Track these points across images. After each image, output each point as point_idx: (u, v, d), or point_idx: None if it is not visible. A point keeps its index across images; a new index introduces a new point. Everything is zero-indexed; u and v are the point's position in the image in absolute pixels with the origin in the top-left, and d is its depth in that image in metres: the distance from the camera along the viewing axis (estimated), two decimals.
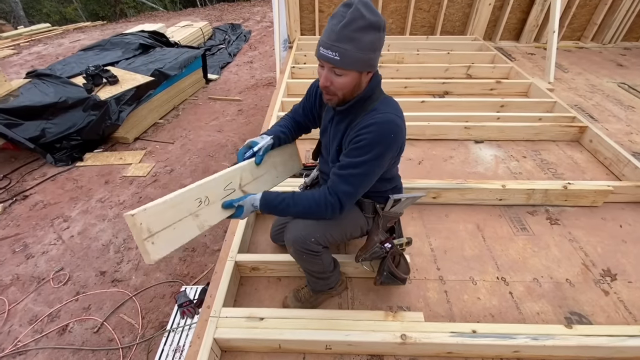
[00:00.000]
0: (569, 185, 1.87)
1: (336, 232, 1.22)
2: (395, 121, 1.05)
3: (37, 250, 2.86)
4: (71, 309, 2.40)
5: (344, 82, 1.03)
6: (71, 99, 3.90)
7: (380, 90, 1.13)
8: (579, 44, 4.55)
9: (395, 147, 1.09)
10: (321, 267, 1.27)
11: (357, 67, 1.00)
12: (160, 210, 0.95)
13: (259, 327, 1.20)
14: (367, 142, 1.04)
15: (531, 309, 1.44)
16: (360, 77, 1.03)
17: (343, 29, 0.94)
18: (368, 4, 0.94)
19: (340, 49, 0.95)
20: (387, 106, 1.08)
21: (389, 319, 1.23)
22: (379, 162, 1.08)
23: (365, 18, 0.92)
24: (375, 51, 0.99)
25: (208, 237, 3.00)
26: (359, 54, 0.96)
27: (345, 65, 0.98)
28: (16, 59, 7.20)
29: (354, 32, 0.94)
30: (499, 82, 3.10)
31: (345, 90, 1.05)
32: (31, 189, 3.55)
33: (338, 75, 1.02)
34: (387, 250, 1.24)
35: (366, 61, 0.99)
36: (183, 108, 5.35)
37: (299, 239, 1.17)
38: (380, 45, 1.00)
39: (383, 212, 1.26)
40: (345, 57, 0.96)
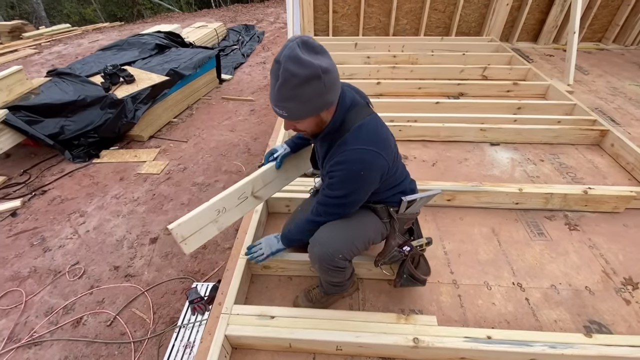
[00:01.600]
0: (589, 190, 1.81)
1: (360, 242, 1.20)
2: (362, 158, 1.04)
3: (54, 244, 2.93)
4: (85, 302, 2.44)
5: (304, 127, 1.07)
6: (89, 97, 4.00)
7: (353, 114, 1.09)
8: (600, 45, 4.43)
9: (371, 177, 1.09)
10: (342, 278, 1.27)
11: (309, 115, 1.01)
12: (189, 222, 1.23)
13: (270, 325, 1.20)
14: (337, 180, 1.08)
15: (548, 316, 1.39)
16: (319, 117, 1.04)
17: (280, 90, 0.94)
18: (296, 56, 0.89)
19: (285, 108, 0.98)
20: (356, 139, 1.06)
21: (401, 322, 1.21)
22: (354, 196, 1.11)
23: (297, 76, 0.90)
24: (322, 95, 0.96)
25: (219, 236, 3.01)
26: (304, 107, 0.98)
27: (296, 118, 1.02)
28: (37, 58, 7.42)
29: (291, 91, 0.93)
30: (516, 84, 3.03)
31: (312, 129, 1.09)
32: (50, 184, 3.64)
33: (296, 122, 1.05)
34: (405, 253, 1.23)
35: (316, 108, 0.99)
36: (197, 107, 5.41)
37: (326, 256, 1.16)
38: (328, 86, 0.95)
39: (398, 215, 1.24)
40: (292, 112, 0.99)
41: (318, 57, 0.92)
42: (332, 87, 0.97)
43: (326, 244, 1.15)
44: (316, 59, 0.91)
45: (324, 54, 0.95)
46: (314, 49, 0.93)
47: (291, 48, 0.90)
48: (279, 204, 1.82)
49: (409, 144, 2.46)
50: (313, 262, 1.22)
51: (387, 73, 3.41)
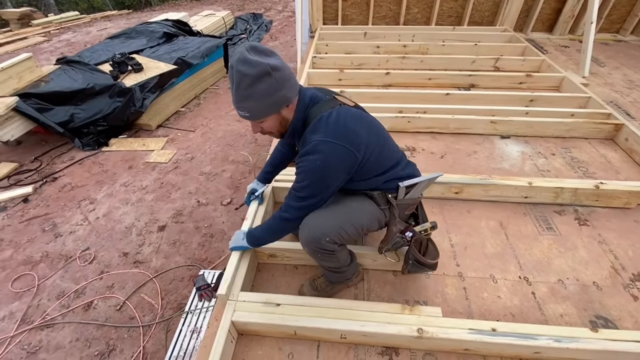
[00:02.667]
0: (601, 185, 1.78)
1: (350, 227, 1.21)
2: (320, 149, 1.06)
3: (65, 230, 2.99)
4: (96, 286, 2.50)
5: (269, 126, 1.14)
6: (98, 85, 4.02)
7: (315, 110, 1.13)
8: (618, 37, 4.29)
9: (332, 169, 1.09)
10: (337, 264, 1.27)
11: (269, 114, 1.08)
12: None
13: (275, 312, 1.21)
14: (299, 174, 1.12)
15: (554, 310, 1.39)
16: (280, 115, 1.11)
17: (236, 92, 1.02)
18: (244, 58, 0.97)
19: (244, 108, 1.05)
20: (314, 132, 1.09)
21: (405, 312, 1.22)
22: (316, 190, 1.13)
23: (246, 75, 0.97)
24: (276, 91, 1.02)
25: (226, 224, 3.06)
26: (261, 105, 1.04)
27: (256, 117, 1.09)
28: (47, 46, 7.47)
29: (245, 91, 1.00)
30: (529, 76, 2.96)
31: (276, 128, 1.16)
32: (60, 172, 3.71)
33: (260, 123, 1.12)
34: (408, 239, 1.22)
35: (272, 105, 1.05)
36: (204, 97, 5.41)
37: (313, 239, 1.18)
38: (281, 82, 1.01)
39: (397, 201, 1.23)
40: (251, 112, 1.06)
41: (266, 57, 1.00)
42: (285, 84, 1.03)
43: (313, 227, 1.17)
44: (264, 59, 0.98)
45: (273, 55, 1.02)
46: (262, 52, 1.01)
47: (240, 52, 1.00)
48: (284, 193, 1.81)
49: (417, 136, 2.43)
50: (303, 246, 1.24)
51: (397, 63, 3.36)
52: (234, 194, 3.40)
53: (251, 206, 1.67)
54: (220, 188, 3.48)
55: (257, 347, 1.25)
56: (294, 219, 1.19)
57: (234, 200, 3.33)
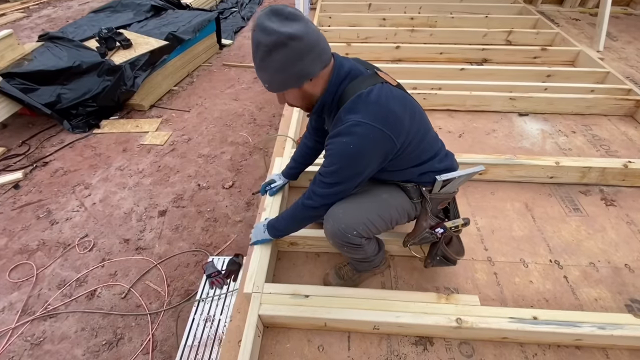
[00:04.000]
0: (629, 164, 1.71)
1: (379, 221, 1.11)
2: (355, 131, 0.94)
3: (61, 217, 2.86)
4: (98, 274, 2.41)
5: (291, 98, 1.04)
6: (85, 63, 3.76)
7: (353, 86, 0.99)
8: (628, 10, 4.15)
9: (367, 155, 0.98)
10: (364, 255, 1.19)
11: (287, 87, 0.97)
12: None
13: (304, 304, 1.14)
14: (328, 156, 1.01)
15: (588, 294, 1.34)
16: (302, 89, 0.98)
17: (254, 60, 0.94)
18: (261, 24, 0.88)
19: (263, 78, 0.97)
20: (350, 111, 0.96)
21: (442, 302, 1.15)
22: (345, 175, 1.01)
23: (261, 44, 0.89)
24: (294, 64, 0.90)
25: (230, 208, 2.95)
26: (278, 77, 0.94)
27: (275, 89, 1.00)
28: (26, 22, 6.99)
29: (262, 61, 0.92)
30: (544, 50, 2.84)
31: (299, 102, 1.06)
32: (50, 156, 3.52)
33: (283, 94, 1.02)
34: (438, 235, 1.14)
35: (289, 78, 0.94)
36: (197, 75, 5.16)
37: (338, 232, 1.08)
38: (299, 53, 0.89)
39: (431, 195, 1.13)
40: (270, 84, 0.98)
41: (288, 24, 0.87)
42: (305, 56, 0.90)
43: (339, 220, 1.07)
44: (283, 26, 0.86)
45: (298, 20, 0.88)
46: (286, 16, 0.88)
47: (259, 17, 0.90)
48: (302, 179, 1.69)
49: (433, 114, 2.31)
50: (327, 238, 1.15)
51: (405, 37, 3.18)
52: (235, 177, 3.28)
53: (267, 197, 1.56)
54: (220, 171, 3.35)
55: (285, 340, 1.18)
56: (319, 206, 1.09)
57: (235, 183, 3.21)
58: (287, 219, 1.20)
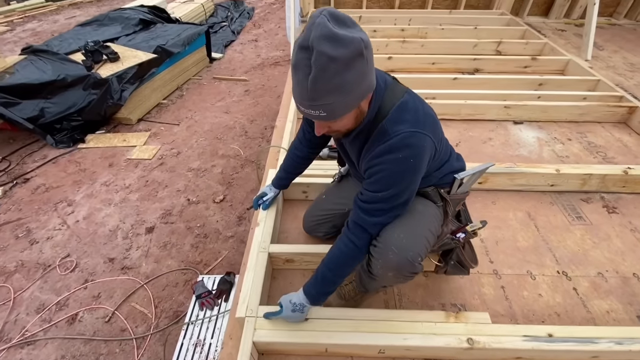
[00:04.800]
0: (629, 170, 1.69)
1: (431, 235, 1.01)
2: (409, 143, 0.86)
3: (42, 236, 2.71)
4: (80, 297, 2.26)
5: (343, 125, 0.88)
6: (70, 76, 3.66)
7: (389, 96, 0.91)
8: (612, 20, 4.27)
9: (422, 164, 0.90)
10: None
11: (353, 107, 0.81)
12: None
13: (303, 329, 1.04)
14: (383, 176, 0.89)
15: (600, 307, 1.28)
16: (359, 108, 0.85)
17: (315, 83, 0.72)
18: (332, 34, 0.68)
19: (323, 106, 0.76)
20: (397, 123, 0.87)
21: (451, 321, 1.07)
22: (407, 191, 0.91)
23: (337, 59, 0.70)
24: (365, 77, 0.77)
25: (220, 223, 2.84)
26: (347, 98, 0.77)
27: (337, 116, 0.81)
28: (10, 36, 6.86)
29: (331, 82, 0.72)
30: (534, 59, 2.86)
31: (350, 124, 0.90)
32: (32, 172, 3.37)
33: (333, 122, 0.85)
34: (460, 240, 1.07)
35: (359, 96, 0.79)
36: (187, 88, 5.09)
37: (407, 263, 0.94)
38: (371, 63, 0.77)
39: (450, 196, 1.07)
40: (333, 110, 0.78)
41: (353, 30, 0.72)
42: (371, 65, 0.78)
43: (404, 247, 0.93)
44: (353, 32, 0.71)
45: (356, 25, 0.75)
46: (345, 22, 0.72)
47: (322, 25, 0.69)
48: (295, 190, 1.64)
49: None
50: (387, 271, 0.97)
51: (397, 48, 3.19)
52: (227, 190, 3.18)
53: (261, 212, 1.48)
54: (211, 184, 3.24)
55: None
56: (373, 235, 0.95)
57: (227, 197, 3.11)
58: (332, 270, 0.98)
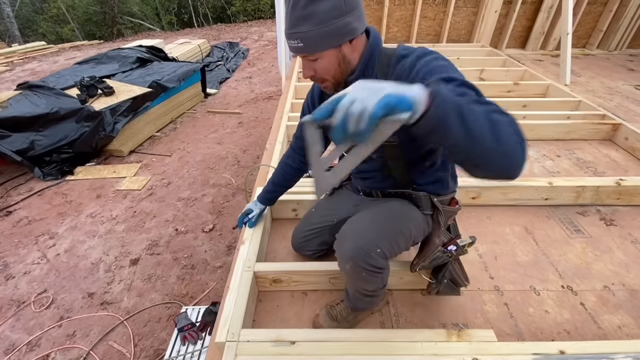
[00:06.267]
0: (621, 182, 1.67)
1: (401, 238, 0.96)
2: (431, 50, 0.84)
3: (19, 270, 2.56)
4: (53, 336, 2.09)
5: (324, 66, 0.88)
6: (63, 109, 3.69)
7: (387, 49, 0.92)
8: (585, 51, 4.52)
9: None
10: (377, 285, 1.02)
11: (328, 45, 0.84)
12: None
13: (290, 353, 0.94)
14: (430, 69, 0.79)
15: (610, 322, 1.20)
16: (341, 51, 0.86)
17: (293, 10, 0.81)
18: None
19: (299, 34, 0.82)
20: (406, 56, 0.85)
21: (453, 339, 0.98)
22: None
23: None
24: (342, 16, 0.80)
25: (209, 253, 2.73)
26: (320, 30, 0.81)
27: (312, 49, 0.85)
28: (8, 75, 7.03)
29: (305, 9, 0.79)
30: (516, 84, 2.97)
31: (331, 72, 0.90)
32: (16, 205, 3.27)
33: (314, 60, 0.87)
34: (451, 254, 1.01)
35: (335, 32, 0.82)
36: (181, 121, 5.16)
37: (361, 252, 0.90)
38: (349, 4, 0.81)
39: (443, 206, 1.02)
40: (307, 41, 0.83)
41: None
42: (353, 9, 0.82)
43: (360, 236, 0.91)
44: None
45: None
46: None
47: None
48: (284, 208, 1.58)
49: None
50: (344, 262, 0.94)
51: None
52: (217, 219, 3.09)
53: (247, 230, 1.40)
54: (200, 214, 3.16)
55: None
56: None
57: (216, 226, 3.02)
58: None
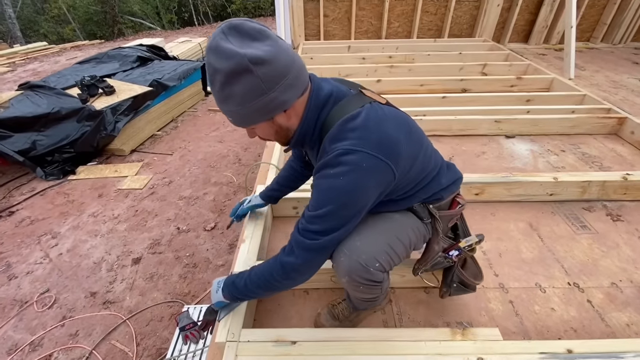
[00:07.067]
0: (628, 176, 1.64)
1: (400, 247, 0.93)
2: (346, 161, 0.76)
3: (21, 270, 2.56)
4: (56, 335, 2.09)
5: (263, 133, 0.88)
6: (65, 109, 3.69)
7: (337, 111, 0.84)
8: (589, 44, 4.47)
9: (362, 189, 0.79)
10: (378, 293, 0.99)
11: (256, 121, 0.80)
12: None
13: (291, 353, 0.92)
14: (317, 192, 0.81)
15: (618, 319, 1.17)
16: (274, 122, 0.82)
17: (212, 90, 0.77)
18: (215, 45, 0.71)
19: (226, 112, 0.80)
20: (337, 139, 0.80)
21: (457, 338, 0.96)
22: (344, 214, 0.81)
23: (218, 71, 0.71)
24: (263, 94, 0.73)
25: (211, 252, 2.72)
26: (244, 110, 0.76)
27: (241, 125, 0.83)
28: (10, 76, 7.05)
29: (221, 92, 0.75)
30: (519, 79, 2.93)
31: (272, 138, 0.89)
32: (18, 205, 3.27)
33: (252, 129, 0.86)
34: (453, 259, 0.98)
35: (260, 110, 0.76)
36: (182, 120, 5.15)
37: (359, 267, 0.86)
38: (268, 81, 0.72)
39: (440, 212, 0.99)
40: (234, 118, 0.80)
41: (250, 43, 0.70)
42: (276, 83, 0.73)
43: (358, 250, 0.86)
44: (244, 47, 0.69)
45: (262, 39, 0.71)
46: (247, 34, 0.71)
47: (213, 36, 0.72)
48: (285, 206, 1.56)
49: None
50: (340, 276, 0.91)
51: (385, 72, 3.27)
52: (218, 218, 3.08)
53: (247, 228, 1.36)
54: (202, 212, 3.15)
55: None
56: (302, 264, 0.83)
57: (218, 224, 3.01)
58: (255, 280, 0.89)
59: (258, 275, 0.89)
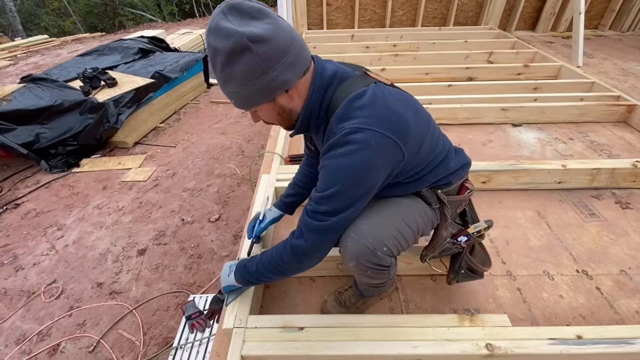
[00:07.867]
0: (638, 164, 1.61)
1: (409, 232, 0.91)
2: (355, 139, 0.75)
3: (28, 262, 2.59)
4: (64, 325, 2.11)
5: (266, 116, 0.86)
6: (67, 102, 3.68)
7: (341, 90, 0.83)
8: (597, 32, 4.37)
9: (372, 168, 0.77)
10: (386, 278, 0.98)
11: (258, 102, 0.79)
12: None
13: (299, 339, 0.92)
14: (325, 173, 0.80)
15: (628, 306, 1.16)
16: (276, 103, 0.80)
17: (215, 72, 0.76)
18: (215, 25, 0.70)
19: (227, 93, 0.80)
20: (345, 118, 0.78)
21: (465, 324, 0.95)
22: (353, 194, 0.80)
23: (219, 51, 0.70)
24: (264, 74, 0.72)
25: (215, 243, 2.73)
26: (245, 90, 0.75)
27: (243, 106, 0.82)
28: (12, 70, 7.04)
29: (222, 72, 0.74)
30: (526, 66, 2.88)
31: (276, 120, 0.88)
32: (23, 197, 3.29)
33: (253, 112, 0.85)
34: (462, 245, 0.97)
35: (261, 90, 0.75)
36: (184, 112, 5.13)
37: (367, 251, 0.85)
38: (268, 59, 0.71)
39: (448, 198, 0.97)
40: (236, 99, 0.80)
41: (249, 22, 0.69)
42: (277, 62, 0.72)
43: (365, 234, 0.85)
44: (243, 25, 0.68)
45: (262, 17, 0.70)
46: (246, 13, 0.70)
47: (213, 16, 0.71)
48: None
49: None
50: (347, 261, 0.90)
51: (390, 61, 3.22)
52: (222, 209, 3.09)
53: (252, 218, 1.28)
54: (206, 204, 3.16)
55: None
56: (311, 247, 0.83)
57: (222, 216, 3.01)
58: (266, 264, 0.90)
59: (269, 259, 0.90)
